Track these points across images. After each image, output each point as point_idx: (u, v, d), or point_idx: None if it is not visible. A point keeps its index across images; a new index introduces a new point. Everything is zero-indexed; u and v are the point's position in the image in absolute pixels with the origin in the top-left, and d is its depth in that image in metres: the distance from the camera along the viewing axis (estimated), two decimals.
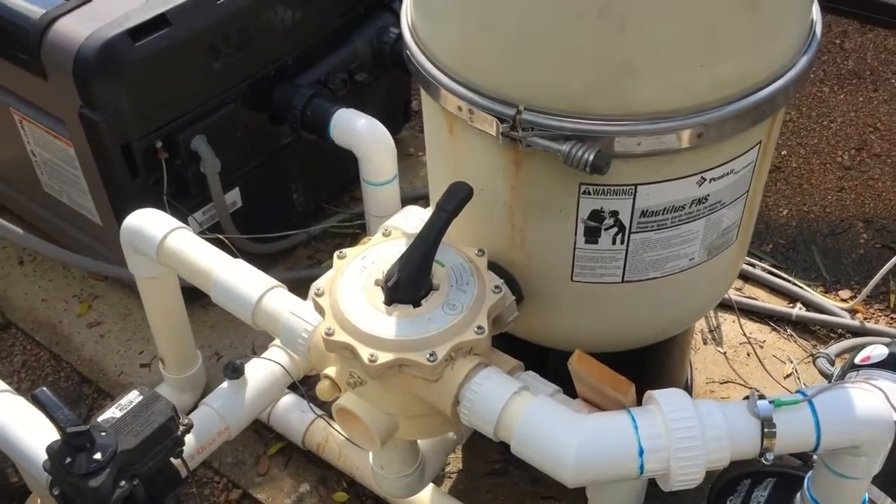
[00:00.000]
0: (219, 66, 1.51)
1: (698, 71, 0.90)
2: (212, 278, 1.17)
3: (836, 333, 1.70)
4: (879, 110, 2.24)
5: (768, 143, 1.07)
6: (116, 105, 1.39)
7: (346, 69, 1.72)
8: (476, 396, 0.93)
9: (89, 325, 1.80)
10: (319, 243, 1.95)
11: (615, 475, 0.89)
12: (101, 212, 1.61)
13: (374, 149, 1.55)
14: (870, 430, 0.90)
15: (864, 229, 1.96)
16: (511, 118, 0.94)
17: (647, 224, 1.03)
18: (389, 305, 0.96)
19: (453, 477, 1.48)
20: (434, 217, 0.98)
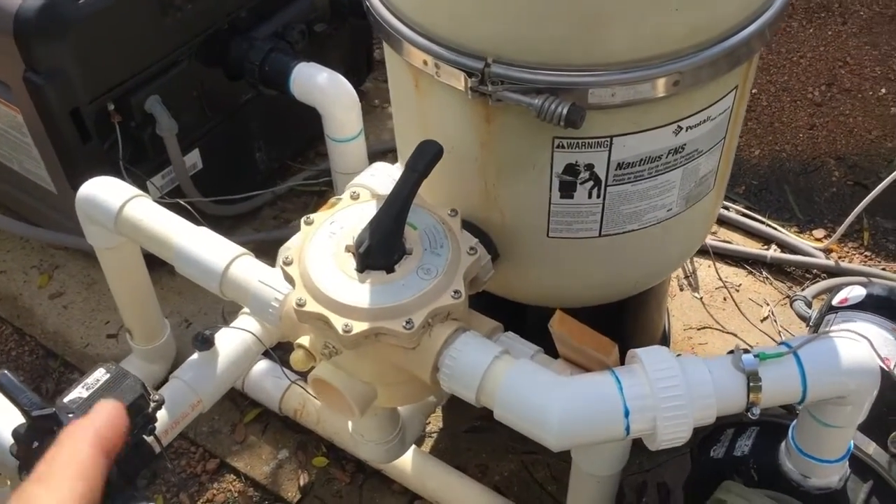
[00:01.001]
0: (169, 22, 1.44)
1: (673, 15, 0.86)
2: (174, 249, 1.12)
3: (811, 274, 1.70)
4: (848, 44, 2.22)
5: (744, 87, 1.04)
6: (62, 67, 1.32)
7: (305, 20, 1.65)
8: (455, 363, 0.90)
9: (51, 297, 1.74)
10: (286, 202, 1.90)
11: (601, 437, 0.88)
12: (55, 180, 1.54)
13: (337, 104, 1.50)
14: (855, 380, 0.88)
15: (835, 167, 1.95)
16: (479, 72, 0.89)
17: (624, 176, 1.00)
18: (362, 272, 0.93)
19: (434, 436, 1.47)
20: (404, 178, 0.94)
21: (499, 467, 1.44)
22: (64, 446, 0.37)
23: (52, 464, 0.37)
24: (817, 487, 1.02)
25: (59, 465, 0.36)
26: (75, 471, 0.36)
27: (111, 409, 0.40)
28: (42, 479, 0.36)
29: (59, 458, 0.37)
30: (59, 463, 0.37)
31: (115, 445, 0.38)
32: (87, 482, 0.36)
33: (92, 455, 0.37)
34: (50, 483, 0.36)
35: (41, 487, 0.35)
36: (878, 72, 2.14)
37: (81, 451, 0.37)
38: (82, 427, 0.38)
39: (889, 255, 1.75)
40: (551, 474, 1.43)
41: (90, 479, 0.36)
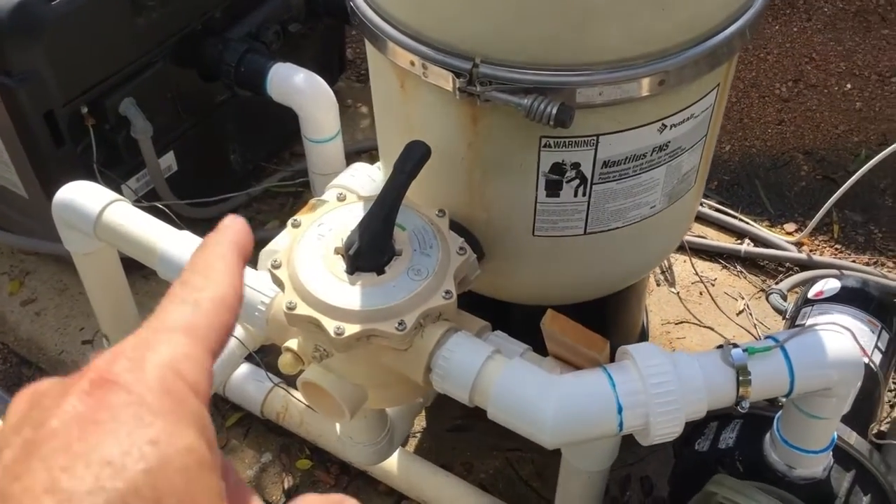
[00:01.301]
0: (143, 23, 1.42)
1: (660, 14, 0.87)
2: (157, 253, 1.11)
3: (784, 267, 1.72)
4: (814, 40, 2.26)
5: (725, 85, 1.05)
6: (35, 70, 1.29)
7: (279, 20, 1.64)
8: (448, 363, 0.90)
9: (23, 304, 1.71)
10: (261, 204, 1.89)
11: (594, 434, 0.88)
12: (27, 184, 1.52)
13: (315, 104, 1.49)
14: (841, 372, 0.90)
15: (804, 161, 1.98)
16: (468, 72, 0.89)
17: (609, 174, 1.01)
18: (352, 274, 0.92)
19: (417, 436, 1.47)
20: (392, 179, 0.94)
21: (483, 465, 1.44)
22: (206, 251, 0.35)
23: (199, 261, 0.34)
24: (802, 478, 1.04)
25: (206, 261, 0.34)
26: (226, 266, 0.34)
27: (240, 220, 0.37)
28: (196, 270, 0.34)
29: (204, 258, 0.34)
30: (205, 261, 0.34)
31: (249, 254, 0.36)
32: (237, 278, 0.34)
33: (235, 257, 0.35)
34: (207, 273, 0.34)
35: (198, 276, 0.33)
36: (842, 67, 2.18)
37: (226, 254, 0.35)
38: (218, 235, 0.36)
39: (858, 248, 1.78)
40: (535, 470, 1.44)
41: (238, 277, 0.35)
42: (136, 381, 0.29)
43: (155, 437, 0.27)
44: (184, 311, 0.32)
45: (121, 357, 0.30)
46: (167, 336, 0.31)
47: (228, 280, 0.34)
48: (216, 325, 0.33)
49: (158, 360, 0.30)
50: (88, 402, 0.28)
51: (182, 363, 0.30)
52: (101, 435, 0.27)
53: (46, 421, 0.27)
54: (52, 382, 0.31)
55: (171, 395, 0.29)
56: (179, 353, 0.31)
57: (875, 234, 1.81)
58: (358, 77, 2.23)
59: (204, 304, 0.33)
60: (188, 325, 0.32)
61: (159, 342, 0.31)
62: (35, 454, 0.26)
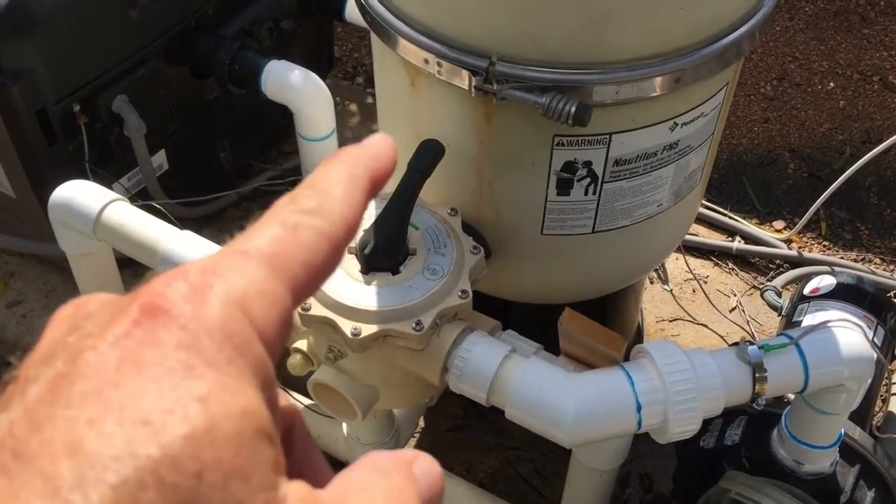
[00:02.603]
0: (136, 19, 1.40)
1: (677, 13, 0.87)
2: (159, 253, 1.09)
3: (774, 264, 1.74)
4: (796, 39, 2.28)
5: (733, 83, 1.06)
6: (28, 67, 1.27)
7: (272, 17, 1.62)
8: (465, 363, 0.89)
9: (9, 305, 1.68)
10: (250, 203, 1.86)
11: (613, 433, 0.88)
12: (15, 183, 1.48)
13: (311, 102, 1.47)
14: (853, 367, 0.91)
15: (790, 159, 2.01)
16: (484, 70, 0.89)
17: (620, 173, 1.01)
18: (367, 274, 0.92)
19: (416, 436, 1.46)
20: (406, 178, 0.93)
21: (483, 464, 1.44)
22: (333, 167, 0.29)
23: (319, 177, 0.29)
24: (810, 473, 1.05)
25: (327, 180, 0.28)
26: (346, 193, 0.28)
27: (387, 141, 0.31)
28: (312, 187, 0.28)
29: (326, 175, 0.29)
30: (326, 179, 0.28)
31: (381, 185, 0.30)
32: (356, 211, 0.28)
33: (363, 185, 0.29)
34: (323, 195, 0.28)
35: (310, 196, 0.28)
36: (825, 66, 2.21)
37: (354, 177, 0.29)
38: (355, 152, 0.30)
39: (846, 245, 1.81)
40: (535, 469, 1.44)
41: (357, 211, 0.29)
42: (194, 315, 0.24)
43: (205, 393, 0.22)
44: (276, 234, 0.27)
45: (181, 280, 0.25)
46: (244, 263, 0.25)
47: (345, 210, 0.28)
48: (310, 262, 0.27)
49: (225, 291, 0.24)
50: (135, 333, 0.23)
51: (253, 300, 0.25)
52: (143, 382, 0.22)
53: (83, 352, 0.23)
54: (101, 300, 0.26)
55: (233, 341, 0.24)
56: (254, 286, 0.25)
57: (861, 231, 1.83)
58: (345, 74, 2.21)
59: (303, 233, 0.27)
60: (275, 253, 0.26)
61: (232, 268, 0.25)
62: (62, 396, 0.22)
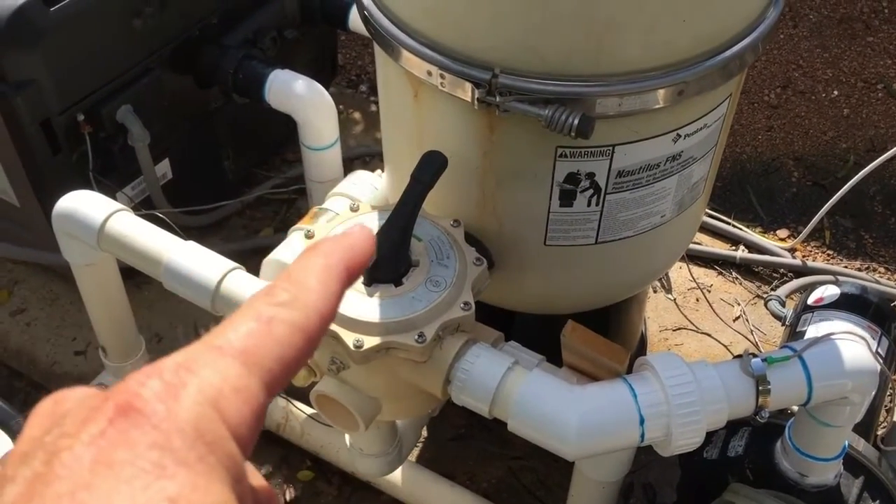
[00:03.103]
0: (141, 30, 1.40)
1: (680, 26, 0.87)
2: (162, 264, 1.09)
3: (778, 274, 1.74)
4: (800, 47, 2.28)
5: (736, 94, 1.06)
6: (33, 77, 1.27)
7: (275, 27, 1.62)
8: (468, 375, 0.89)
9: (12, 314, 1.68)
10: (254, 211, 1.87)
11: (616, 446, 0.88)
12: (19, 192, 1.49)
13: (315, 112, 1.47)
14: (856, 380, 0.91)
15: (794, 167, 2.00)
16: (487, 82, 0.89)
17: (623, 184, 1.01)
18: (370, 286, 0.92)
19: (419, 446, 1.46)
20: (409, 189, 0.93)
21: (486, 474, 1.44)
22: (309, 259, 0.29)
23: (296, 269, 0.29)
24: (814, 485, 1.05)
25: (303, 273, 0.29)
26: (321, 286, 0.29)
27: (365, 232, 0.31)
28: (288, 279, 0.28)
29: (302, 267, 0.29)
30: (302, 271, 0.29)
31: (356, 276, 0.31)
32: (330, 304, 0.29)
33: (338, 277, 0.29)
34: (298, 288, 0.28)
35: (286, 289, 0.28)
36: (829, 74, 2.21)
37: (329, 270, 0.29)
38: (332, 244, 0.30)
39: (850, 254, 1.80)
40: (538, 479, 1.44)
41: (332, 303, 0.29)
42: (166, 414, 0.24)
43: (175, 493, 0.23)
44: (250, 329, 0.27)
45: (156, 378, 0.25)
46: (218, 359, 0.26)
47: (319, 302, 0.28)
48: (283, 356, 0.27)
49: (198, 389, 0.25)
50: (108, 433, 0.24)
51: (227, 398, 0.25)
52: (115, 482, 0.23)
53: (59, 453, 0.23)
54: (80, 397, 0.26)
55: (204, 438, 0.24)
56: (228, 384, 0.25)
57: (866, 240, 1.83)
58: (349, 83, 2.22)
59: (278, 327, 0.27)
60: (249, 348, 0.26)
61: (206, 365, 0.26)
62: (37, 497, 0.23)
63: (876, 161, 1.53)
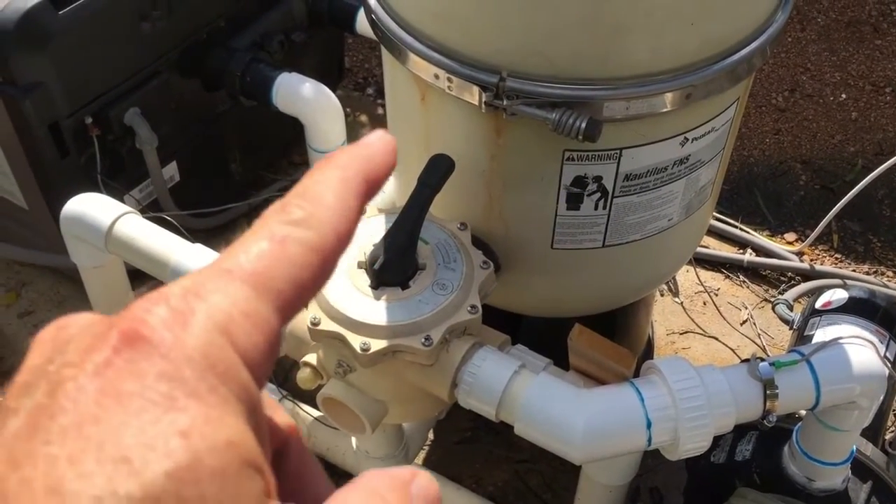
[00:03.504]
0: (149, 33, 1.41)
1: (688, 30, 0.87)
2: (170, 266, 1.09)
3: (786, 277, 1.73)
4: (808, 50, 2.28)
5: (744, 98, 1.06)
6: (42, 80, 1.27)
7: (283, 30, 1.63)
8: (475, 379, 0.89)
9: (20, 316, 1.68)
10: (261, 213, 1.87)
11: (623, 450, 0.88)
12: (27, 195, 1.49)
13: (322, 115, 1.48)
14: (865, 385, 0.91)
15: (802, 171, 2.00)
16: (494, 86, 0.89)
17: (630, 187, 1.01)
18: (376, 289, 0.92)
19: (426, 448, 1.46)
20: (417, 193, 0.93)
21: (492, 477, 1.44)
22: (324, 171, 0.27)
23: (309, 184, 0.27)
24: (822, 490, 1.05)
25: (318, 186, 0.27)
26: (338, 201, 0.27)
27: (386, 139, 0.28)
28: (301, 195, 0.26)
29: (317, 181, 0.27)
30: (317, 185, 0.27)
31: (377, 190, 0.28)
32: (349, 221, 0.27)
33: (356, 191, 0.27)
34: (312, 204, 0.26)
35: (299, 205, 0.26)
36: (837, 77, 2.20)
37: (347, 183, 0.27)
38: (349, 154, 0.28)
39: (858, 257, 1.80)
40: (545, 482, 1.43)
41: (351, 220, 0.27)
42: (174, 342, 0.23)
43: (187, 426, 0.21)
44: (262, 249, 0.25)
45: (162, 304, 0.23)
46: (227, 283, 0.24)
47: (336, 219, 0.26)
48: (298, 278, 0.25)
49: (207, 316, 0.23)
50: (115, 362, 0.22)
51: (237, 324, 0.24)
52: (123, 415, 0.21)
53: (62, 383, 0.22)
54: (82, 323, 0.25)
55: (215, 369, 0.23)
56: (237, 308, 0.24)
57: (874, 244, 1.82)
58: (356, 85, 2.22)
59: (291, 247, 0.25)
60: (260, 270, 0.25)
61: (215, 290, 0.24)
62: (41, 431, 0.21)
63: (884, 165, 1.53)
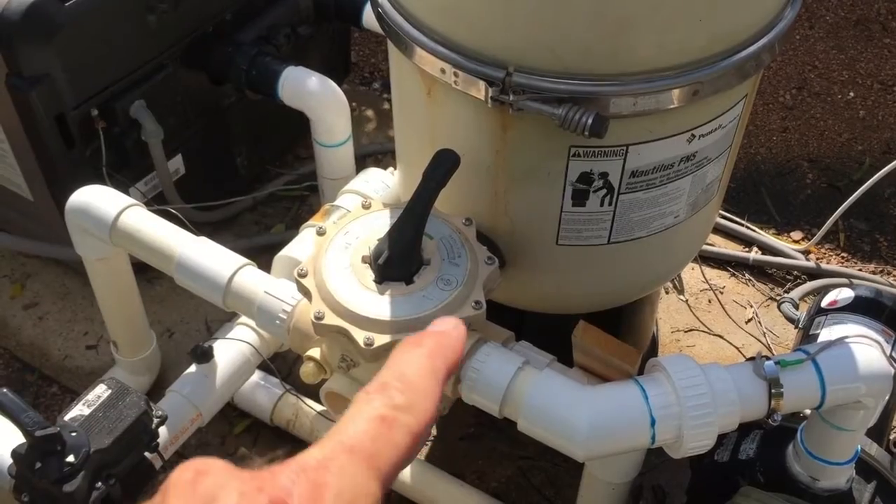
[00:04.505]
0: (155, 26, 1.41)
1: (696, 26, 0.86)
2: (174, 259, 1.09)
3: (791, 276, 1.73)
4: (816, 48, 2.27)
5: (752, 95, 1.05)
6: (48, 72, 1.27)
7: (289, 23, 1.63)
8: (479, 375, 0.89)
9: (25, 307, 1.69)
10: (266, 207, 1.87)
11: (627, 447, 0.88)
12: (33, 187, 1.49)
13: (328, 109, 1.47)
14: (870, 384, 0.90)
15: (809, 169, 1.99)
16: (500, 81, 0.89)
17: (637, 184, 1.00)
18: (381, 284, 0.91)
19: (429, 444, 1.46)
20: (422, 188, 0.93)
21: (495, 473, 1.43)
22: (418, 359, 0.33)
23: (408, 369, 0.32)
24: (826, 489, 1.04)
25: (415, 374, 0.32)
26: (432, 390, 0.33)
27: (460, 329, 0.34)
28: (401, 380, 0.32)
29: (413, 367, 0.32)
30: (414, 373, 0.32)
31: (455, 370, 0.33)
32: (437, 406, 0.33)
33: (443, 379, 0.33)
34: (412, 391, 0.32)
35: (401, 390, 0.32)
36: (845, 76, 2.19)
37: (437, 373, 0.33)
38: (435, 341, 0.33)
39: (865, 256, 1.79)
40: (548, 479, 1.43)
41: (438, 405, 0.32)
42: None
43: None
44: (375, 432, 0.31)
45: (303, 478, 0.29)
46: (351, 463, 0.30)
47: (429, 409, 0.32)
48: (399, 461, 0.31)
49: (337, 495, 0.29)
50: None
51: (359, 502, 0.29)
52: None
53: None
54: (220, 478, 0.28)
55: None
56: (360, 490, 0.29)
57: (881, 243, 1.81)
58: (362, 80, 2.22)
59: (397, 432, 0.31)
60: (374, 453, 0.30)
61: (340, 468, 0.29)
62: None
63: (892, 164, 1.52)
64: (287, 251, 1.21)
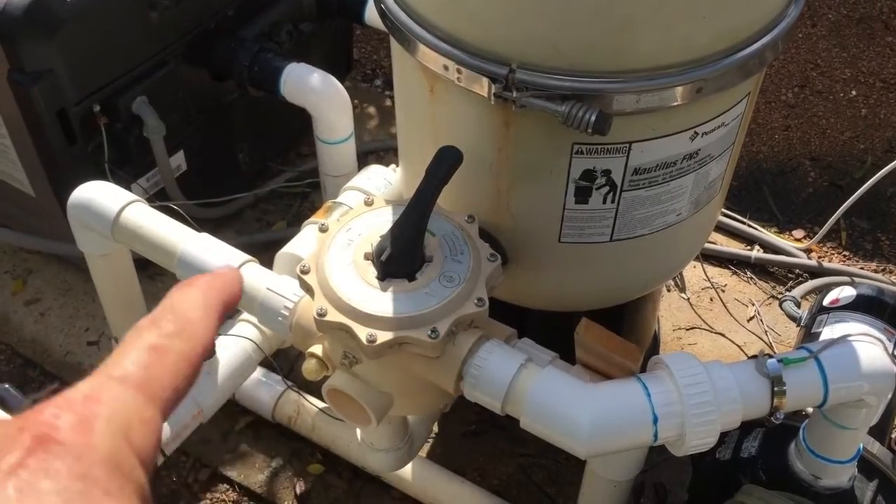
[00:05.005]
0: (157, 22, 1.40)
1: (700, 23, 0.86)
2: (177, 256, 1.09)
3: (793, 274, 1.73)
4: (818, 46, 2.26)
5: (755, 92, 1.05)
6: (50, 68, 1.27)
7: (291, 20, 1.62)
8: (481, 371, 0.89)
9: (26, 303, 1.69)
10: (267, 204, 1.87)
11: (629, 445, 0.88)
12: (35, 183, 1.49)
13: (330, 106, 1.47)
14: (873, 382, 0.90)
15: (811, 167, 1.99)
16: (504, 77, 0.89)
17: (639, 182, 1.00)
18: (383, 280, 0.91)
19: (430, 441, 1.46)
20: (424, 185, 0.92)
21: (496, 471, 1.43)
22: (189, 293, 0.32)
23: (179, 302, 0.32)
24: (828, 488, 1.04)
25: (186, 305, 0.31)
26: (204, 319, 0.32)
27: (235, 273, 0.34)
28: (172, 312, 0.31)
29: (184, 300, 0.32)
30: (185, 304, 0.32)
31: (231, 310, 0.33)
32: (211, 336, 0.32)
33: (217, 312, 0.32)
34: (183, 321, 0.31)
35: (171, 321, 0.31)
36: (847, 74, 2.19)
37: (209, 305, 0.32)
38: (209, 280, 0.33)
39: (866, 255, 1.79)
40: (549, 476, 1.43)
41: (213, 336, 0.32)
42: (84, 446, 0.26)
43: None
44: (144, 359, 0.30)
45: (68, 410, 0.27)
46: (123, 392, 0.29)
47: (202, 335, 0.31)
48: (176, 385, 0.30)
49: (108, 421, 0.27)
50: (29, 463, 0.25)
51: (134, 428, 0.28)
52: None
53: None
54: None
55: (121, 470, 0.27)
56: (135, 416, 0.28)
57: (883, 242, 1.81)
58: (364, 77, 2.21)
59: (169, 358, 0.30)
60: (147, 379, 0.29)
61: (113, 398, 0.28)
62: None
63: (894, 162, 1.52)
64: (289, 248, 1.21)
